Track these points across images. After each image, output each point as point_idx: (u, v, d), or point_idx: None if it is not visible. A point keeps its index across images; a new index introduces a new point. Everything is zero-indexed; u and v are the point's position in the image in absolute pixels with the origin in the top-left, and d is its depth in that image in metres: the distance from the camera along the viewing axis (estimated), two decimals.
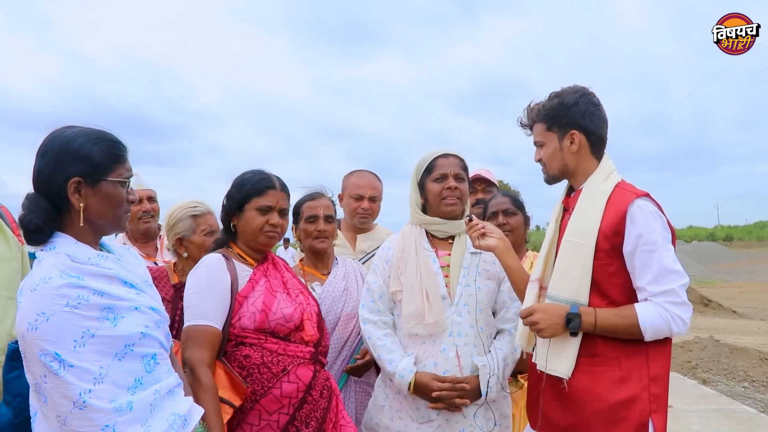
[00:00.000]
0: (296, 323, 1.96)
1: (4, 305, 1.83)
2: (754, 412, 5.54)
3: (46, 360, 1.26)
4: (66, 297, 1.30)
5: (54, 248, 1.41)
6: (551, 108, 2.00)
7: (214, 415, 1.72)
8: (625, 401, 1.79)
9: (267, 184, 2.04)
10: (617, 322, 1.79)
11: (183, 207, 2.45)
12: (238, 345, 1.91)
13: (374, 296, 2.26)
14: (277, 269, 2.09)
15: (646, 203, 1.85)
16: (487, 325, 2.20)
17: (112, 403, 1.31)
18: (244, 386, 1.84)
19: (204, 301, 1.89)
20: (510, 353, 2.18)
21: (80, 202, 1.42)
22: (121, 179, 1.48)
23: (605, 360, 1.83)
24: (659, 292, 1.78)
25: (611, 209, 1.86)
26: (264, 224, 2.01)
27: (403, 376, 2.10)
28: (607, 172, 1.97)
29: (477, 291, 2.18)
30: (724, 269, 39.17)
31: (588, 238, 1.85)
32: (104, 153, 1.46)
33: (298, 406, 1.88)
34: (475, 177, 3.15)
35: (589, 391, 1.83)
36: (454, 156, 2.31)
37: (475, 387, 2.09)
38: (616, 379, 1.81)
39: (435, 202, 2.26)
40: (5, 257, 1.93)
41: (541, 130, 2.02)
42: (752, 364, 7.55)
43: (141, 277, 1.57)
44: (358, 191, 2.98)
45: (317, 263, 2.56)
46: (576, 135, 1.96)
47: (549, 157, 2.02)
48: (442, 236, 2.29)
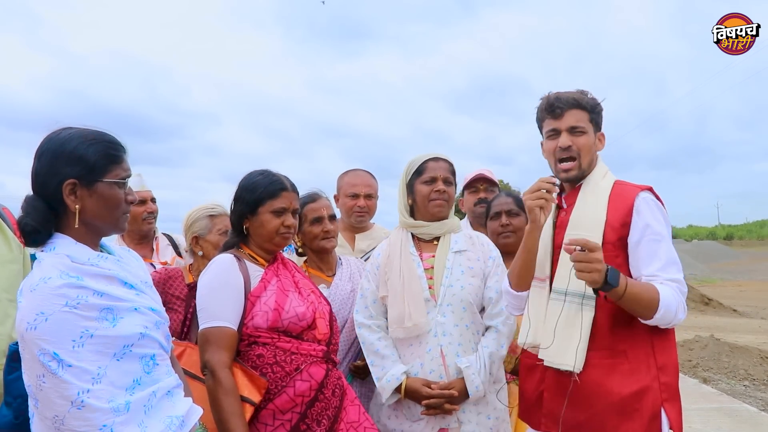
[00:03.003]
0: (309, 322, 1.97)
1: (5, 308, 1.83)
2: (755, 411, 5.55)
3: (45, 359, 1.26)
4: (65, 297, 1.30)
5: (54, 249, 1.41)
6: (593, 102, 1.98)
7: (237, 417, 1.76)
8: (637, 393, 1.78)
9: (279, 186, 2.05)
10: (642, 293, 1.73)
11: (201, 208, 2.54)
12: (251, 344, 1.92)
13: (367, 302, 2.31)
14: (287, 269, 2.11)
15: (650, 195, 1.90)
16: (473, 323, 2.23)
17: (110, 403, 1.31)
18: (264, 380, 1.86)
19: (218, 301, 1.90)
20: (496, 350, 2.19)
21: (75, 204, 1.42)
22: (118, 180, 1.47)
23: (614, 353, 1.82)
24: (670, 279, 1.78)
25: (616, 202, 1.88)
26: (279, 226, 2.03)
27: (390, 381, 2.15)
28: (604, 171, 2.01)
29: (460, 290, 2.21)
30: (724, 268, 39.18)
31: (595, 231, 1.85)
32: (99, 154, 1.45)
33: (309, 404, 1.89)
34: (477, 177, 3.17)
35: (599, 384, 1.81)
36: (444, 160, 2.36)
37: (462, 390, 2.13)
38: (626, 371, 1.80)
39: (423, 204, 2.31)
40: (6, 259, 1.92)
41: (583, 118, 1.96)
42: (753, 362, 7.56)
43: (141, 278, 1.57)
44: (354, 189, 3.01)
45: (321, 265, 2.56)
46: (603, 138, 2.01)
47: (588, 147, 1.96)
48: (428, 238, 2.35)
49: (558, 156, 1.96)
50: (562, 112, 1.95)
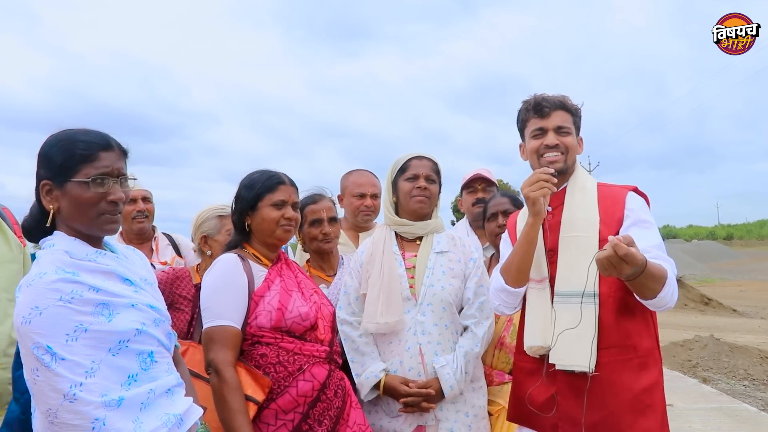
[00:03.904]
0: (312, 322, 1.98)
1: (5, 307, 1.83)
2: (755, 411, 5.54)
3: (39, 353, 1.28)
4: (59, 292, 1.32)
5: (54, 245, 1.43)
6: (575, 107, 2.06)
7: (242, 415, 1.77)
8: (648, 388, 1.79)
9: (277, 180, 2.09)
10: (656, 270, 1.68)
11: (210, 208, 2.59)
12: (254, 344, 1.93)
13: (350, 299, 2.34)
14: (290, 269, 2.12)
15: (637, 195, 1.99)
16: (452, 322, 2.25)
17: (103, 397, 1.32)
18: (267, 379, 1.87)
19: (222, 300, 1.92)
20: (471, 349, 2.21)
21: (50, 204, 1.45)
22: (85, 179, 1.43)
23: (624, 349, 1.82)
24: (664, 258, 1.77)
25: (607, 202, 1.95)
26: (280, 218, 2.06)
27: (368, 378, 2.18)
28: (585, 174, 2.10)
29: (441, 290, 2.24)
30: (724, 268, 39.18)
31: (590, 230, 1.90)
32: (66, 154, 1.44)
33: (311, 404, 1.90)
34: (475, 177, 3.17)
35: (612, 382, 1.81)
36: (428, 159, 2.41)
37: (439, 389, 2.14)
38: (636, 366, 1.81)
39: (405, 200, 2.36)
40: (6, 259, 1.93)
41: (568, 119, 2.03)
42: (752, 362, 7.57)
43: (141, 276, 1.58)
44: (360, 189, 3.02)
45: (323, 265, 2.58)
46: (582, 142, 2.10)
47: (573, 147, 2.04)
48: (411, 237, 2.39)
49: (543, 151, 2.00)
50: (549, 111, 2.00)
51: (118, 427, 1.32)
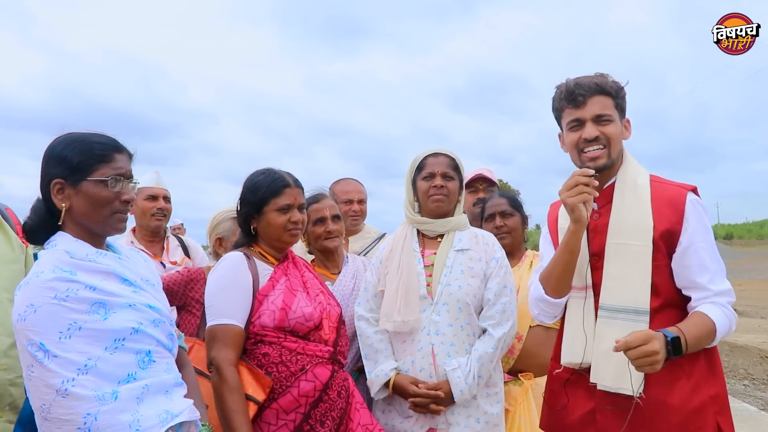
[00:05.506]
0: (316, 322, 1.97)
1: (5, 307, 1.83)
2: (755, 410, 5.54)
3: (33, 350, 1.31)
4: (54, 290, 1.35)
5: (55, 246, 1.47)
6: (617, 86, 1.80)
7: (241, 415, 1.77)
8: (698, 409, 1.65)
9: (282, 183, 2.06)
10: (701, 334, 1.60)
11: (225, 210, 2.63)
12: (257, 343, 1.93)
13: (369, 295, 2.32)
14: (297, 268, 2.11)
15: (697, 198, 1.76)
16: (469, 324, 2.18)
17: (96, 392, 1.34)
18: (268, 379, 1.87)
19: (226, 299, 1.91)
20: (485, 353, 2.12)
21: (62, 203, 1.48)
22: (103, 178, 1.50)
23: (672, 367, 1.63)
24: (721, 292, 1.68)
25: (662, 205, 1.73)
26: (286, 223, 2.04)
27: (378, 376, 2.16)
28: (636, 166, 1.83)
29: (458, 290, 2.17)
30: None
31: (643, 238, 1.70)
32: (84, 154, 1.49)
33: (313, 404, 1.89)
34: (476, 176, 3.18)
35: (661, 403, 1.67)
36: (444, 155, 2.35)
37: (449, 392, 2.09)
38: (685, 386, 1.67)
39: (423, 200, 2.33)
40: (7, 259, 1.93)
41: (608, 104, 1.78)
42: (752, 362, 7.57)
43: (143, 276, 1.60)
44: (347, 196, 3.18)
45: (327, 263, 2.58)
46: (629, 124, 1.83)
47: (617, 136, 1.78)
48: (432, 235, 2.34)
49: (582, 146, 1.79)
50: (584, 99, 1.77)
51: (110, 423, 1.34)
